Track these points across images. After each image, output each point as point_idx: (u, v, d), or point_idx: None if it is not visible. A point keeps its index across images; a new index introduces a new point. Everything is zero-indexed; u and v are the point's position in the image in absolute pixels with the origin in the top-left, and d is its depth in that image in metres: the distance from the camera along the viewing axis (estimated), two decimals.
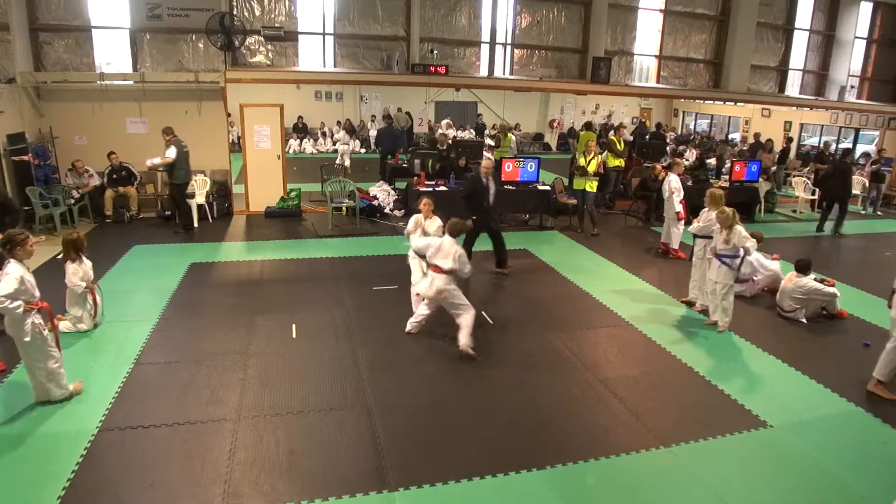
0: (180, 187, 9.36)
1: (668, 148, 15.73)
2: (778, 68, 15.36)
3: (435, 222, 6.45)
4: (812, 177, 13.74)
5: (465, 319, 5.57)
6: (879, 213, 13.23)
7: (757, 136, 15.33)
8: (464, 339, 5.51)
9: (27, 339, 4.27)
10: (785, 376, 5.43)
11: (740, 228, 6.09)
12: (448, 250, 5.58)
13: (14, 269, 4.25)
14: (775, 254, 7.98)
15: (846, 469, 4.09)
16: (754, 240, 6.31)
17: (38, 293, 4.42)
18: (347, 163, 14.97)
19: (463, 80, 13.46)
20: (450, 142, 11.69)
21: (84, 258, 5.80)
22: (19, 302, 4.17)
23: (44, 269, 6.97)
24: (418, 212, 6.63)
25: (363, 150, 18.88)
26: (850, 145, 16.76)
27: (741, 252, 6.19)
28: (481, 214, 7.53)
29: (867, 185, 13.24)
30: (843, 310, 6.84)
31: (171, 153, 9.01)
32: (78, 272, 5.69)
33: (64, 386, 4.53)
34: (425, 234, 6.35)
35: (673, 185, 8.79)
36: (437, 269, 5.58)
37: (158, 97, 10.27)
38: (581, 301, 7.17)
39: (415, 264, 6.48)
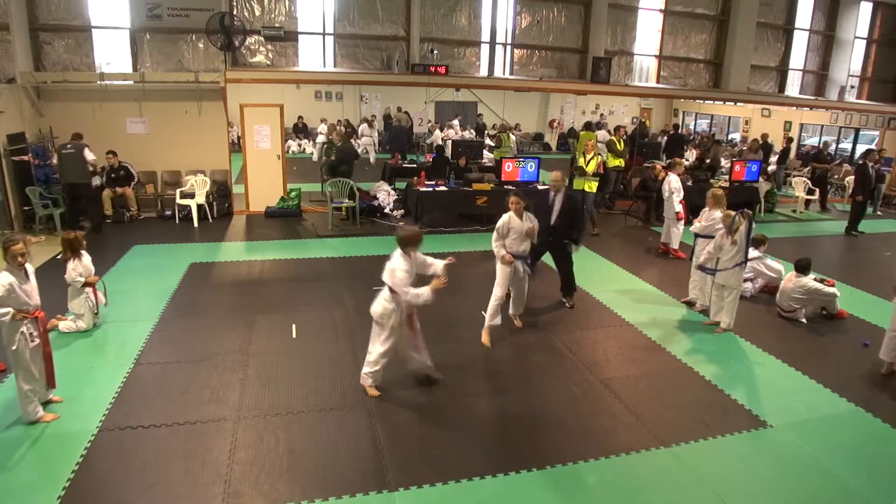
0: (69, 187, 9.14)
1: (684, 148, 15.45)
2: (778, 68, 15.35)
3: (528, 221, 5.89)
4: (810, 176, 13.72)
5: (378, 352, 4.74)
6: (879, 212, 13.24)
7: (765, 136, 15.26)
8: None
9: (13, 347, 4.15)
10: (785, 376, 5.43)
11: (744, 229, 6.03)
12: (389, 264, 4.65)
13: (3, 276, 4.08)
14: (830, 279, 7.04)
15: (846, 469, 4.09)
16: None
17: (35, 301, 4.27)
18: (373, 157, 14.83)
19: (463, 80, 13.45)
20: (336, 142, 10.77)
21: (83, 255, 5.82)
22: (7, 309, 4.02)
23: (44, 270, 6.98)
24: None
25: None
26: (848, 145, 16.76)
27: (744, 256, 6.13)
28: (543, 236, 6.36)
29: None
30: (843, 310, 6.83)
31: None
32: (77, 269, 5.71)
33: (32, 412, 4.26)
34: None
35: (673, 185, 8.79)
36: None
37: (158, 97, 10.28)
38: (581, 301, 7.16)
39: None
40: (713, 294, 6.45)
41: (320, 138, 16.03)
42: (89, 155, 9.16)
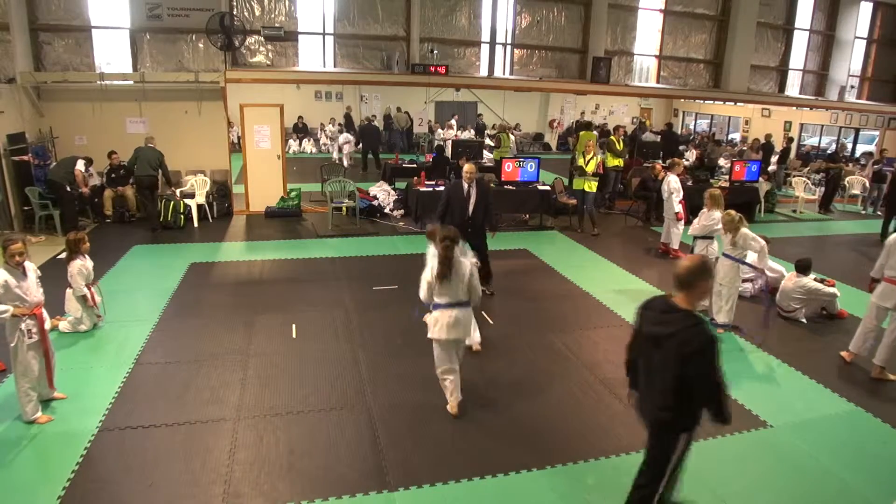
0: (48, 183, 9.25)
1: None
2: (778, 68, 15.36)
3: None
4: (824, 176, 13.67)
5: None
6: (880, 213, 13.21)
7: (768, 137, 15.29)
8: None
9: (13, 343, 4.18)
10: (785, 376, 5.44)
11: (746, 231, 6.04)
12: None
13: None
14: (830, 279, 7.10)
15: (846, 469, 4.09)
16: (763, 241, 6.10)
17: (33, 298, 4.26)
18: (335, 156, 14.91)
19: (463, 80, 13.46)
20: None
21: (87, 258, 5.81)
22: (6, 307, 4.04)
23: (44, 270, 6.95)
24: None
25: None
26: (848, 144, 16.75)
27: (747, 255, 6.15)
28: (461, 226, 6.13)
29: (868, 185, 13.25)
30: (843, 310, 6.84)
31: None
32: (82, 272, 5.70)
33: (31, 412, 4.27)
34: None
35: (672, 186, 8.79)
36: None
37: (158, 97, 10.28)
38: (581, 301, 7.16)
39: None
40: (714, 293, 6.45)
41: (339, 137, 16.04)
42: (79, 164, 9.16)
